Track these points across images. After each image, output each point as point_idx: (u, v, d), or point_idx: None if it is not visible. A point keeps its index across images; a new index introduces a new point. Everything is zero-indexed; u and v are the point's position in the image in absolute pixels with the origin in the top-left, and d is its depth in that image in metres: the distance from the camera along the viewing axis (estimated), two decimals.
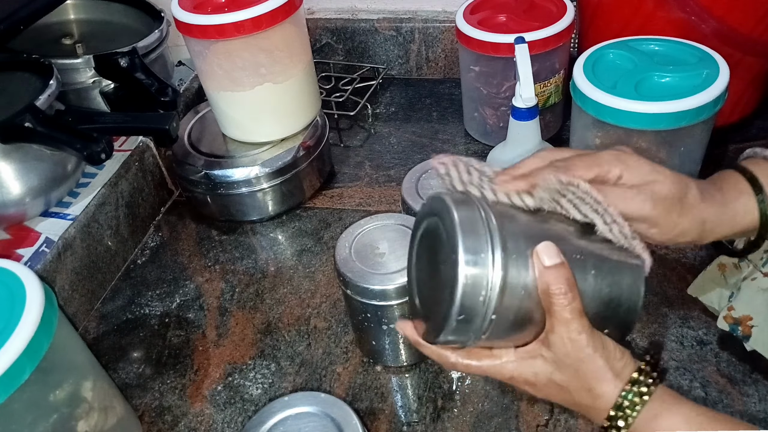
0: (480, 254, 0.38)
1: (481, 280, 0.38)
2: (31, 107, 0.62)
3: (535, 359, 0.42)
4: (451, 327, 0.40)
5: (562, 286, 0.39)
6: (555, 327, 0.40)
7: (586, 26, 0.83)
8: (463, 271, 0.38)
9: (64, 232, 0.67)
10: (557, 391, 0.43)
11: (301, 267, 0.73)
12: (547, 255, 0.40)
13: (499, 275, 0.38)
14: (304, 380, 0.61)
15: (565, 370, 0.42)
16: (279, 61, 0.73)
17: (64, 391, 0.48)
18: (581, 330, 0.40)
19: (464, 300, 0.38)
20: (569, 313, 0.40)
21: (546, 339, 0.42)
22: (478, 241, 0.39)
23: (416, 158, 0.85)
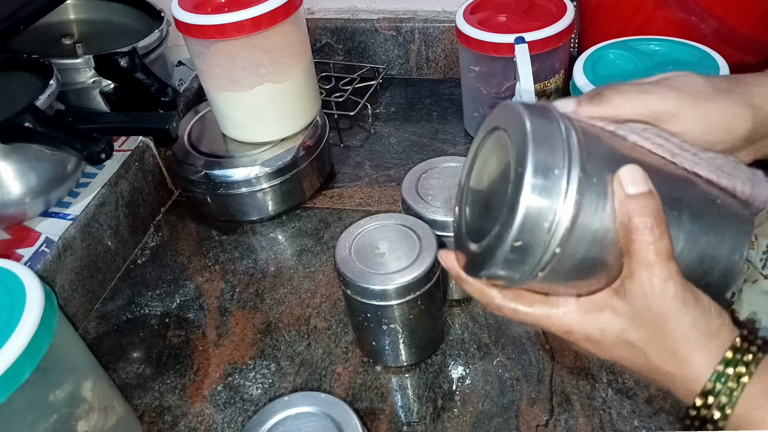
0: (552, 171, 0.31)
1: (550, 203, 0.31)
2: (31, 107, 0.62)
3: (602, 312, 0.35)
4: (503, 256, 0.33)
5: (648, 219, 0.32)
6: (635, 272, 0.33)
7: (586, 26, 0.83)
8: (528, 188, 0.31)
9: (64, 232, 0.67)
10: (629, 352, 0.35)
11: (301, 267, 0.73)
12: (631, 180, 0.32)
13: (573, 201, 0.31)
14: (304, 380, 0.61)
15: (643, 327, 0.34)
16: (279, 61, 0.73)
17: (64, 391, 0.48)
18: (668, 277, 0.32)
19: (525, 223, 0.31)
20: (655, 253, 0.32)
21: (621, 287, 0.34)
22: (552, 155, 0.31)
23: (416, 158, 0.85)
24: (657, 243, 0.32)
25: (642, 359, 0.35)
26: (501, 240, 0.32)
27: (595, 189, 0.32)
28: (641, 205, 0.32)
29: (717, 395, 0.32)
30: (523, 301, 0.37)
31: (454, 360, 0.61)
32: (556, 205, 0.31)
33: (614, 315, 0.34)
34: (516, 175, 0.32)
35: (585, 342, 0.36)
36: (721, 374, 0.32)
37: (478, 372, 0.60)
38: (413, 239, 0.57)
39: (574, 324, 0.35)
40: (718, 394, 0.32)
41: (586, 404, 0.56)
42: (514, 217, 0.31)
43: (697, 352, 0.33)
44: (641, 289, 0.33)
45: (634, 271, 0.33)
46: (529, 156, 0.31)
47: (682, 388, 0.34)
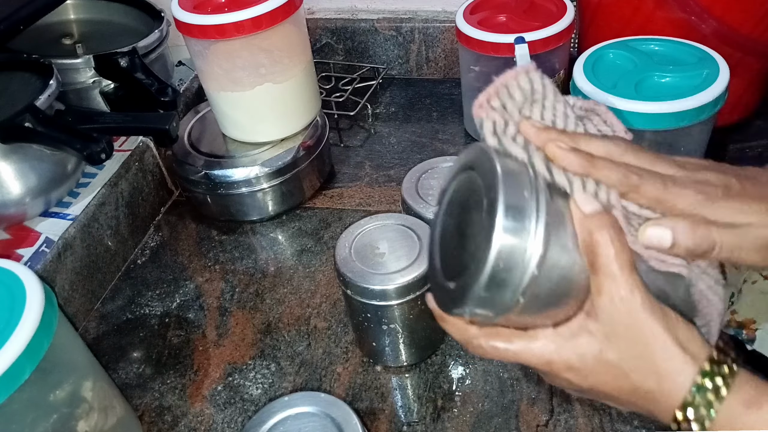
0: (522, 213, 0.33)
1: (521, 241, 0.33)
2: (31, 107, 0.62)
3: (578, 337, 0.35)
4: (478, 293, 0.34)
5: (607, 232, 0.33)
6: (602, 286, 0.33)
7: (586, 26, 0.83)
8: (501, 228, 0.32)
9: (64, 232, 0.67)
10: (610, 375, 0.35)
11: (301, 267, 0.73)
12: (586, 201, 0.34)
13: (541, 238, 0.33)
14: (304, 380, 0.61)
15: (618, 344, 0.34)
16: (279, 61, 0.73)
17: (64, 391, 0.48)
18: (633, 287, 0.33)
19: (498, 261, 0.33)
20: (618, 265, 0.33)
21: (592, 307, 0.35)
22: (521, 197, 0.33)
23: (416, 158, 0.85)
24: (619, 255, 0.33)
25: (622, 379, 0.35)
26: (476, 277, 0.33)
27: (560, 224, 0.34)
28: (599, 221, 0.33)
29: (697, 407, 0.32)
30: (501, 338, 0.37)
31: (454, 360, 0.61)
32: (527, 243, 0.33)
33: (590, 337, 0.35)
34: (488, 216, 0.33)
35: (567, 372, 0.36)
36: (700, 386, 0.32)
37: (478, 372, 0.60)
38: (413, 239, 0.57)
39: (553, 354, 0.36)
40: (698, 407, 0.32)
41: (586, 404, 0.56)
42: (488, 255, 0.33)
43: (673, 364, 0.33)
44: (611, 302, 0.33)
45: (600, 286, 0.34)
46: (500, 198, 0.33)
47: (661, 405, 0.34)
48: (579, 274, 0.34)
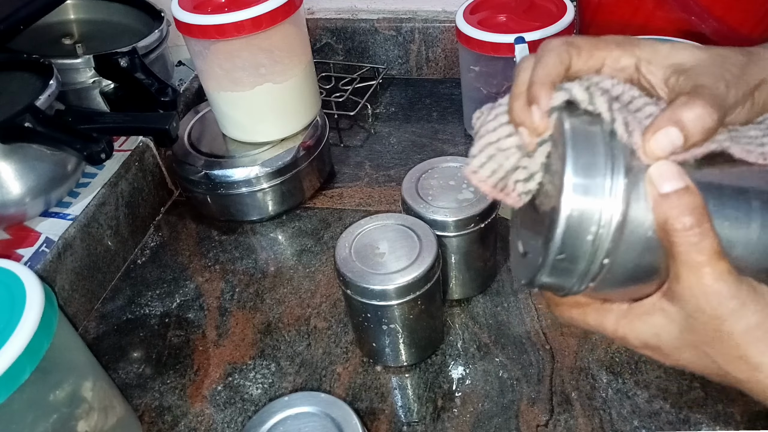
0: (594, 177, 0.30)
1: (593, 212, 0.30)
2: (31, 107, 0.62)
3: (652, 316, 0.33)
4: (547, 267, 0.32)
5: (687, 218, 0.29)
6: (681, 274, 0.31)
7: (586, 26, 0.83)
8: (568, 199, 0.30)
9: (64, 232, 0.67)
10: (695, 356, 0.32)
11: (301, 267, 0.73)
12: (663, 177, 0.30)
13: (619, 208, 0.30)
14: (304, 380, 0.61)
15: (700, 330, 0.31)
16: (279, 61, 0.73)
17: (64, 391, 0.48)
18: (718, 277, 0.30)
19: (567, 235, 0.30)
20: (699, 254, 0.30)
21: (669, 290, 0.32)
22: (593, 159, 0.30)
23: (416, 158, 0.85)
24: (700, 243, 0.30)
25: (710, 363, 0.32)
26: (545, 254, 0.31)
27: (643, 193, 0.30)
28: (677, 204, 0.30)
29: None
30: (578, 308, 0.36)
31: (454, 360, 0.61)
32: (600, 213, 0.30)
33: (666, 319, 0.32)
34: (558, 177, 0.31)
35: (644, 348, 0.34)
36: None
37: (478, 372, 0.60)
38: (413, 239, 0.57)
39: (627, 329, 0.34)
40: None
41: (586, 404, 0.56)
42: (555, 230, 0.30)
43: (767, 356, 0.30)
44: (690, 291, 0.31)
45: (680, 274, 0.31)
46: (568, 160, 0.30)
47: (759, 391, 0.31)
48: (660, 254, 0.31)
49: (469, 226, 0.60)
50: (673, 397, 0.56)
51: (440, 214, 0.59)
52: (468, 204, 0.60)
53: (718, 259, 0.30)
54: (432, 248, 0.55)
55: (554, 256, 0.31)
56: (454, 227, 0.59)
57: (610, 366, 0.59)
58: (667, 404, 0.55)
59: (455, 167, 0.64)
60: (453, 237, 0.60)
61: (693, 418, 0.54)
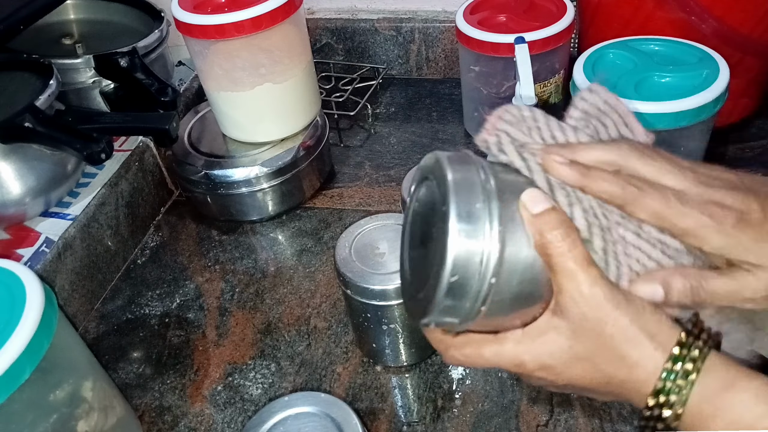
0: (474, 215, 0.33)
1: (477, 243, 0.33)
2: (31, 107, 0.62)
3: (546, 335, 0.35)
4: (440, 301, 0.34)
5: (557, 231, 0.33)
6: (562, 285, 0.33)
7: (586, 26, 0.83)
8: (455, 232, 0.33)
9: (64, 232, 0.67)
10: (581, 368, 0.35)
11: (301, 267, 0.73)
12: (533, 201, 0.33)
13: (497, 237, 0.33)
14: (304, 380, 0.61)
15: (585, 338, 0.34)
16: (279, 61, 0.73)
17: (64, 391, 0.48)
18: (593, 282, 0.33)
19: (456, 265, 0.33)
20: (573, 262, 0.33)
21: (555, 305, 0.34)
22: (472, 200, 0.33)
23: (416, 158, 0.85)
24: (572, 251, 0.33)
25: (595, 372, 0.34)
26: (436, 284, 0.33)
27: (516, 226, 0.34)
28: (548, 220, 0.33)
29: (667, 393, 0.32)
30: (472, 345, 0.37)
31: None
32: (482, 244, 0.33)
33: (557, 334, 0.34)
34: (442, 222, 0.33)
35: (540, 371, 0.35)
36: (669, 371, 0.32)
37: (478, 372, 0.60)
38: None
39: (524, 354, 0.35)
40: (669, 393, 0.32)
41: (586, 404, 0.56)
42: (445, 262, 0.33)
43: (642, 351, 0.33)
44: (572, 300, 0.33)
45: (561, 285, 0.33)
46: (451, 204, 0.33)
47: (636, 394, 0.34)
48: (541, 274, 0.34)
49: None
50: None
51: None
52: None
53: (588, 265, 0.33)
54: None
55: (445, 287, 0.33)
56: None
57: None
58: None
59: None
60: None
61: None
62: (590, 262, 0.33)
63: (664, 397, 0.32)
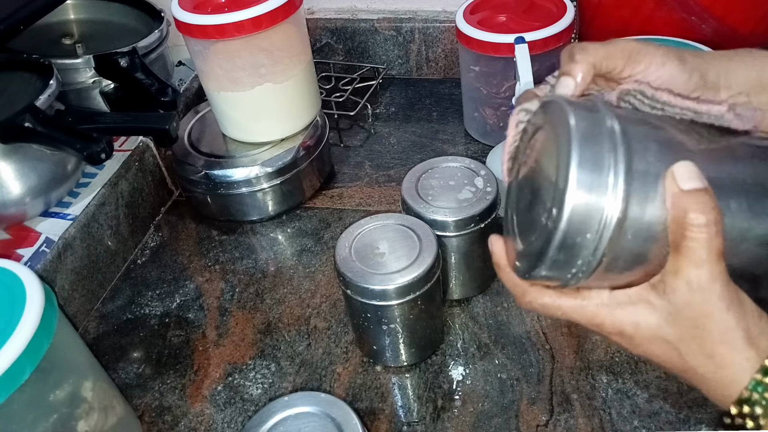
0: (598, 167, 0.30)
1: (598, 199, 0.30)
2: (31, 107, 0.62)
3: (637, 305, 0.34)
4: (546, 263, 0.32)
5: (704, 216, 0.31)
6: (682, 268, 0.31)
7: (586, 26, 0.83)
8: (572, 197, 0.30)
9: (64, 232, 0.67)
10: (663, 349, 0.34)
11: (301, 267, 0.73)
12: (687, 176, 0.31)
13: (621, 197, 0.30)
14: (304, 380, 0.61)
15: (680, 325, 0.32)
16: (279, 61, 0.73)
17: (64, 391, 0.48)
18: (716, 277, 0.31)
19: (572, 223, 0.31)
20: (706, 252, 0.31)
21: (662, 283, 0.33)
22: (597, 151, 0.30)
23: (416, 158, 0.85)
24: (711, 241, 0.31)
25: (676, 358, 0.34)
26: (548, 241, 0.31)
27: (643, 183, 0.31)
28: (697, 201, 0.31)
29: (752, 405, 0.31)
30: (551, 295, 0.36)
31: (454, 360, 0.61)
32: (604, 201, 0.30)
33: (650, 310, 0.33)
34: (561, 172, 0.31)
35: (616, 336, 0.35)
36: (758, 383, 0.31)
37: (478, 372, 0.60)
38: (413, 239, 0.57)
39: (606, 317, 0.34)
40: (754, 404, 0.31)
41: (586, 404, 0.56)
42: (561, 216, 0.30)
43: (735, 356, 0.32)
44: (687, 286, 0.32)
45: (680, 268, 0.32)
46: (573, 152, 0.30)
47: (716, 392, 0.33)
48: (654, 248, 0.32)
49: (469, 226, 0.60)
50: (673, 397, 0.56)
51: (440, 214, 0.59)
52: (468, 204, 0.60)
53: (719, 259, 0.31)
54: (432, 248, 0.55)
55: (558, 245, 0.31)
56: (454, 227, 0.59)
57: (610, 366, 0.59)
58: (667, 404, 0.55)
59: (455, 167, 0.64)
60: (453, 237, 0.60)
61: (693, 418, 0.54)
62: (721, 257, 0.32)
63: (748, 407, 0.31)
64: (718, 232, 0.31)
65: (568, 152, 0.31)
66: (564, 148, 0.31)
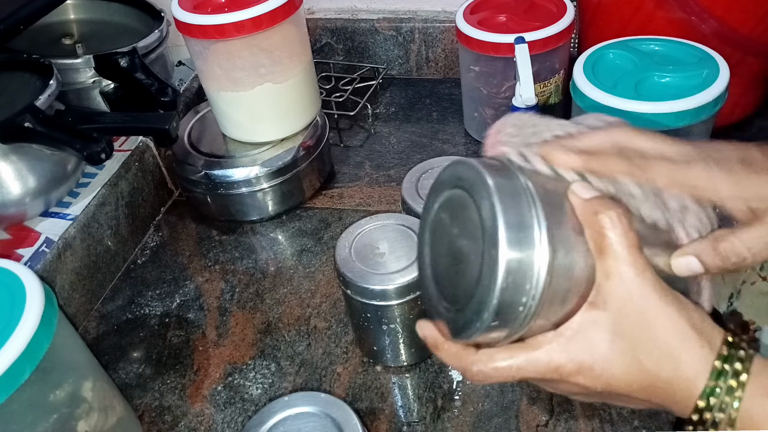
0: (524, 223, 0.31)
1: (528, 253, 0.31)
2: (31, 107, 0.62)
3: (584, 331, 0.33)
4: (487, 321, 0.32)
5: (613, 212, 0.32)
6: (610, 269, 0.32)
7: (586, 26, 0.83)
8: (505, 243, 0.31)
9: (64, 232, 0.67)
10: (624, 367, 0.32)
11: (301, 267, 0.73)
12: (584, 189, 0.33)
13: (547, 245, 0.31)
14: (304, 380, 0.61)
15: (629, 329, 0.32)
16: (279, 61, 0.73)
17: (64, 391, 0.48)
18: (644, 268, 0.32)
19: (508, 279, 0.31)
20: (626, 246, 0.32)
21: (598, 295, 0.33)
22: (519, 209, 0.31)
23: (416, 158, 0.85)
24: (627, 234, 0.32)
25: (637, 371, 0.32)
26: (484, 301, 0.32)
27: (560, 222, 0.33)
28: (601, 203, 0.32)
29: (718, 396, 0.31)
30: (502, 355, 0.34)
31: None
32: (534, 253, 0.31)
33: (596, 328, 0.33)
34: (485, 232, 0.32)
35: (577, 375, 0.33)
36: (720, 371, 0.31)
37: None
38: (413, 239, 0.57)
39: (561, 356, 0.33)
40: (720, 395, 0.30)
41: (586, 404, 0.56)
42: (496, 275, 0.31)
43: (689, 346, 0.31)
44: (620, 284, 0.32)
45: (609, 269, 0.32)
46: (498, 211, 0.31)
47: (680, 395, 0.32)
48: (582, 269, 0.33)
49: None
50: None
51: None
52: None
53: (639, 251, 0.32)
54: None
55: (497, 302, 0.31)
56: None
57: None
58: None
59: None
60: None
61: None
62: (641, 249, 0.32)
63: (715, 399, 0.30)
64: (629, 225, 0.32)
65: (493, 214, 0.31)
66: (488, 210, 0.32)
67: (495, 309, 0.32)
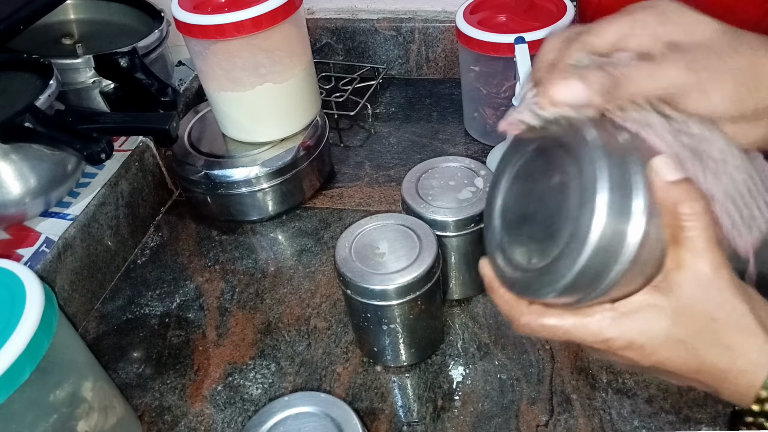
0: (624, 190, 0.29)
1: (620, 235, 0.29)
2: (31, 107, 0.62)
3: (642, 312, 0.32)
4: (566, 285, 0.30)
5: (697, 203, 0.30)
6: (685, 261, 0.31)
7: None
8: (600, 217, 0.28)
9: (64, 232, 0.67)
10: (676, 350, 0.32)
11: (301, 267, 0.73)
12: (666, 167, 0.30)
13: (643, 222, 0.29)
14: (304, 380, 0.61)
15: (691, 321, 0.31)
16: (279, 61, 0.73)
17: (64, 391, 0.48)
18: (720, 264, 0.31)
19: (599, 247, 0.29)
20: (705, 240, 0.30)
21: (664, 282, 0.32)
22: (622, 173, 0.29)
23: (416, 158, 0.85)
24: (708, 229, 0.30)
25: (692, 359, 0.32)
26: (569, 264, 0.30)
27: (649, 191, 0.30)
28: (686, 190, 0.30)
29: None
30: (552, 315, 0.34)
31: (454, 360, 0.61)
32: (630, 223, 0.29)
33: (657, 313, 0.32)
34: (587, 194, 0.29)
35: (626, 350, 0.33)
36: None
37: (478, 372, 0.60)
38: (413, 239, 0.57)
39: (613, 330, 0.32)
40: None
41: (586, 404, 0.56)
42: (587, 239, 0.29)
43: (753, 342, 0.31)
44: (693, 277, 0.31)
45: (683, 261, 0.31)
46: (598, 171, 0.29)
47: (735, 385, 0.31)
48: (654, 251, 0.31)
49: (469, 226, 0.60)
50: (673, 397, 0.56)
51: (440, 214, 0.59)
52: (468, 204, 0.60)
53: (718, 246, 0.31)
54: (432, 248, 0.55)
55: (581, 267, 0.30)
56: (454, 227, 0.59)
57: (610, 366, 0.59)
58: (667, 404, 0.55)
59: (455, 167, 0.64)
60: (453, 237, 0.60)
61: (693, 418, 0.54)
62: (719, 245, 0.31)
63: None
64: (712, 219, 0.31)
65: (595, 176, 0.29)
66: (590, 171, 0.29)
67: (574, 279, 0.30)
